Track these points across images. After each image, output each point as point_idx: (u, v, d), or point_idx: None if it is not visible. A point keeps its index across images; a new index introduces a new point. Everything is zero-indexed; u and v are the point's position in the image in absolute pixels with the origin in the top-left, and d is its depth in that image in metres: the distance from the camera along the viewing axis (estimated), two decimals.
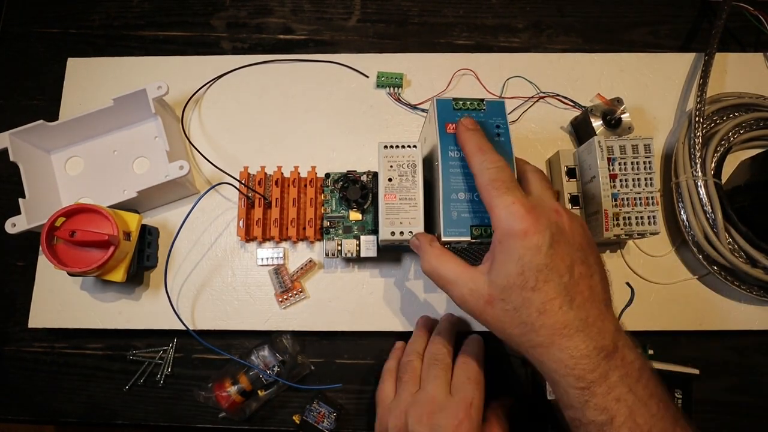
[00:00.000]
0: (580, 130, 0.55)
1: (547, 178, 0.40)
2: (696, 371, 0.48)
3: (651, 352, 0.49)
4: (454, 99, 0.43)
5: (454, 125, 0.42)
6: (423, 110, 0.56)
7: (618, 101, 0.53)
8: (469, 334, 0.50)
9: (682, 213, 0.51)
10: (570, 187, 0.50)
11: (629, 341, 0.35)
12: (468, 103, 0.43)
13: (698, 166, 0.50)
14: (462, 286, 0.37)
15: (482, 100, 0.43)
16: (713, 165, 0.52)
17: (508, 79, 0.57)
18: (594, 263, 0.36)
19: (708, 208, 0.49)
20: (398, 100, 0.57)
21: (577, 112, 0.55)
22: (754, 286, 0.50)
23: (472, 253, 0.44)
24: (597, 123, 0.52)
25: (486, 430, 0.42)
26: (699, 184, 0.49)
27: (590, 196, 0.48)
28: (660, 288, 0.52)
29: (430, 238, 0.41)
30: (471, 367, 0.43)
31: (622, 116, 0.52)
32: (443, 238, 0.40)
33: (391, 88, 0.57)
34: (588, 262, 0.35)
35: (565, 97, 0.56)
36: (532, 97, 0.56)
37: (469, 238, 0.40)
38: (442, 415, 0.40)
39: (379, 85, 0.57)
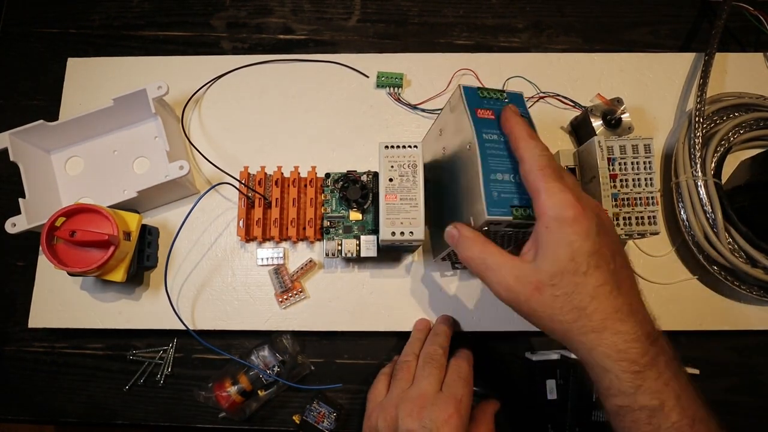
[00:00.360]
0: (580, 130, 0.55)
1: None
2: (696, 371, 0.48)
3: None
4: (479, 88, 0.43)
5: (483, 111, 0.42)
6: (423, 110, 0.56)
7: (618, 101, 0.53)
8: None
9: (682, 213, 0.51)
10: None
11: (661, 331, 0.36)
12: (492, 92, 0.43)
13: (698, 166, 0.50)
14: (506, 273, 0.36)
15: (503, 91, 0.43)
16: (713, 165, 0.52)
17: (508, 79, 0.57)
18: (626, 257, 0.38)
19: (708, 208, 0.49)
20: (398, 100, 0.57)
21: (577, 112, 0.55)
22: (754, 286, 0.50)
23: (495, 241, 0.44)
24: (597, 123, 0.52)
25: (473, 428, 0.43)
26: (699, 184, 0.49)
27: (590, 196, 0.48)
28: (660, 288, 0.52)
29: (470, 228, 0.40)
30: (462, 368, 0.44)
31: (622, 116, 0.52)
32: (487, 217, 0.39)
33: (391, 88, 0.57)
34: (623, 254, 0.37)
35: (565, 97, 0.56)
36: (532, 97, 0.56)
37: (510, 218, 0.39)
38: (432, 410, 0.40)
39: (379, 85, 0.57)
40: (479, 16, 0.61)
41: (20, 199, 0.49)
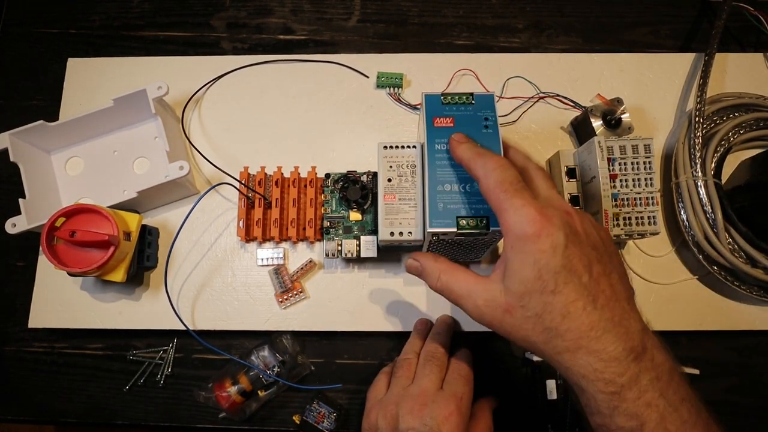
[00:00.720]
0: (580, 130, 0.54)
1: (550, 177, 0.39)
2: (696, 371, 0.48)
3: None
4: (443, 94, 0.43)
5: (441, 119, 0.42)
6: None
7: (618, 101, 0.53)
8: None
9: (682, 213, 0.51)
10: (570, 187, 0.50)
11: (657, 341, 0.33)
12: (457, 97, 0.43)
13: (698, 166, 0.50)
14: (476, 297, 0.36)
15: (471, 93, 0.43)
16: (713, 165, 0.52)
17: (508, 79, 0.57)
18: (610, 261, 0.35)
19: (708, 208, 0.49)
20: (398, 100, 0.57)
21: (577, 112, 0.55)
22: (754, 286, 0.50)
23: (463, 247, 0.44)
24: (597, 123, 0.52)
25: (472, 425, 0.43)
26: (699, 184, 0.49)
27: (590, 196, 0.48)
28: (660, 288, 0.52)
29: (433, 256, 0.40)
30: (463, 367, 0.44)
31: (622, 116, 0.52)
32: (428, 229, 0.40)
33: (391, 89, 0.57)
34: (604, 260, 0.34)
35: (565, 97, 0.56)
36: (532, 97, 0.56)
37: (455, 230, 0.39)
38: (433, 407, 0.40)
39: (379, 86, 0.57)
40: (479, 16, 0.61)
41: (20, 200, 0.49)
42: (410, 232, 0.43)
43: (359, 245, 0.48)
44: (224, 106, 0.57)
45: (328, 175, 0.51)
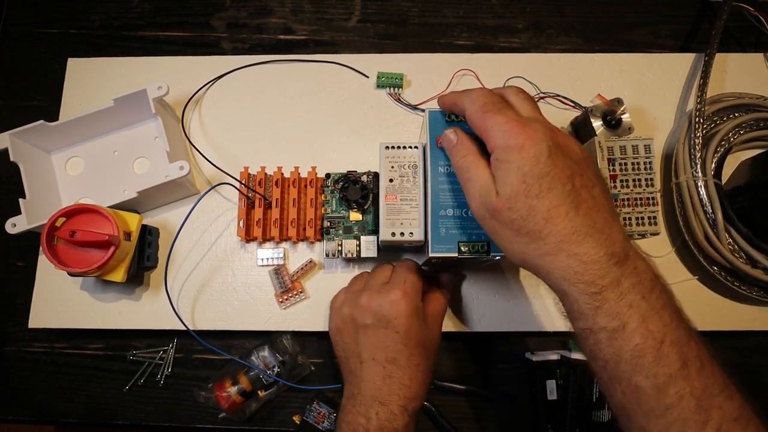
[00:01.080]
0: (581, 131, 0.54)
1: (532, 99, 0.39)
2: None
3: None
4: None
5: None
6: (423, 111, 0.56)
7: (618, 102, 0.52)
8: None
9: (682, 213, 0.51)
10: None
11: (640, 253, 0.34)
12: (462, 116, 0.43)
13: (698, 166, 0.50)
14: (480, 189, 0.36)
15: None
16: (713, 165, 0.52)
17: (508, 80, 0.57)
18: (593, 176, 0.36)
19: (708, 209, 0.49)
20: (398, 100, 0.57)
21: (577, 113, 0.55)
22: (754, 287, 0.50)
23: (462, 263, 0.45)
24: (597, 123, 0.52)
25: (426, 305, 0.45)
26: (699, 184, 0.49)
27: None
28: None
29: (469, 137, 0.40)
30: (406, 263, 0.47)
31: (622, 117, 0.52)
32: (431, 254, 0.41)
33: (392, 89, 0.57)
34: (587, 174, 0.35)
35: (565, 98, 0.56)
36: (532, 97, 0.56)
37: (456, 255, 0.41)
38: (380, 298, 0.42)
39: (380, 86, 0.57)
40: (479, 16, 0.61)
41: (20, 200, 0.49)
42: (411, 233, 0.43)
43: (359, 245, 0.48)
44: (224, 106, 0.57)
45: (328, 175, 0.51)
